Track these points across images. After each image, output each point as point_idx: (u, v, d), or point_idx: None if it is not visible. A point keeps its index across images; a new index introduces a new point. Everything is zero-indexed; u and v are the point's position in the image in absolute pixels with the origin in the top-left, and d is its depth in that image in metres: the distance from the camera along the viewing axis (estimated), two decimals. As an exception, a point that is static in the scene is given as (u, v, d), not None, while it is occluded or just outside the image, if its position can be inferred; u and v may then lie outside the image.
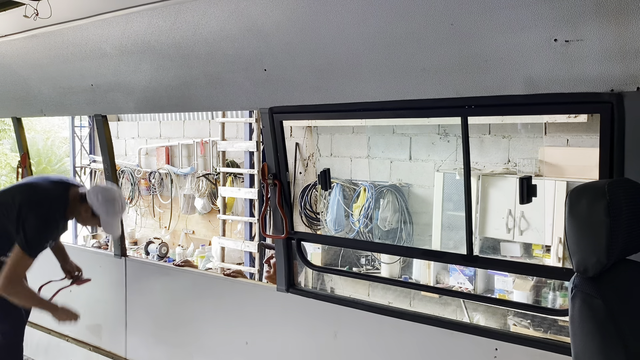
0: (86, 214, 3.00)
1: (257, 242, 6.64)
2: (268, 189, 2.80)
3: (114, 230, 3.10)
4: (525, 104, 2.00)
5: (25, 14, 2.52)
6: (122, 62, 2.85)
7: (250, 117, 6.60)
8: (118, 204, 3.03)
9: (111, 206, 2.99)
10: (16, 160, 6.14)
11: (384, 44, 2.08)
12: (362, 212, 6.01)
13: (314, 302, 2.77)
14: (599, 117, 1.82)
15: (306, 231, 6.25)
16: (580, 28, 1.68)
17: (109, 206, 2.98)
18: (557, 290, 4.87)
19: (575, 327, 1.35)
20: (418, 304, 5.79)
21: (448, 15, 1.86)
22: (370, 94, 2.29)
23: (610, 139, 1.81)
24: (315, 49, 2.26)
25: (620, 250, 1.33)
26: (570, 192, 1.38)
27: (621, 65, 1.70)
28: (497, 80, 1.94)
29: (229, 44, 2.43)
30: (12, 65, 3.46)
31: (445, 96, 2.09)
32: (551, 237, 4.76)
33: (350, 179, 6.35)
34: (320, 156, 6.57)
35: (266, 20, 2.23)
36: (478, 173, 5.14)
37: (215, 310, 3.21)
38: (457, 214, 5.23)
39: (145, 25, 2.58)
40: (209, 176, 7.59)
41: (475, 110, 2.13)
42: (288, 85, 2.48)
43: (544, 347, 2.09)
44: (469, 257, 2.32)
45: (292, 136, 6.65)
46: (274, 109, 2.62)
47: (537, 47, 1.80)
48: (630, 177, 1.69)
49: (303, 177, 6.69)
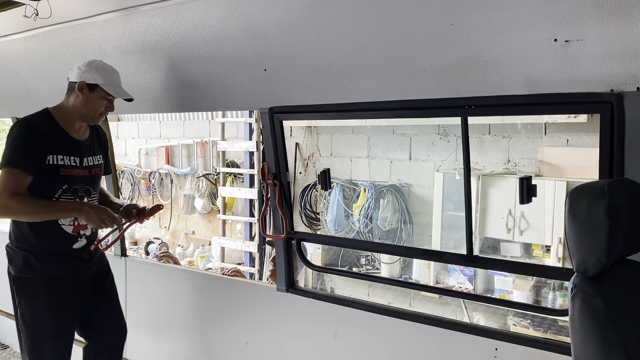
0: (83, 97, 2.44)
1: (257, 242, 6.65)
2: (268, 189, 2.81)
3: (125, 93, 2.53)
4: (525, 104, 2.00)
5: (25, 14, 2.52)
6: (122, 62, 2.85)
7: (250, 117, 6.60)
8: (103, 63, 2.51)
9: (100, 67, 2.47)
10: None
11: (384, 44, 2.08)
12: (362, 212, 6.02)
13: (314, 302, 2.77)
14: (599, 117, 1.82)
15: (306, 231, 6.26)
16: (580, 28, 1.68)
17: (99, 69, 2.45)
18: (557, 290, 4.87)
19: (575, 327, 1.35)
20: (418, 304, 5.79)
21: (448, 15, 1.86)
22: (370, 94, 2.29)
23: (610, 139, 1.81)
24: (315, 49, 2.26)
25: (620, 250, 1.34)
26: (570, 192, 1.38)
27: (621, 65, 1.70)
28: (497, 80, 1.94)
29: (229, 44, 2.43)
30: (12, 65, 3.46)
31: (445, 96, 2.09)
32: (551, 237, 4.76)
33: (350, 179, 6.35)
34: (320, 156, 6.57)
35: (266, 20, 2.23)
36: (478, 173, 5.14)
37: (215, 310, 3.21)
38: (457, 214, 5.22)
39: (145, 25, 2.58)
40: (209, 176, 7.59)
41: (475, 110, 2.13)
42: (288, 85, 2.48)
43: (544, 347, 2.09)
44: (469, 257, 2.32)
45: (292, 136, 6.65)
46: (274, 109, 2.62)
47: (537, 47, 1.80)
48: (630, 177, 1.68)
49: (303, 177, 6.69)
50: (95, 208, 2.43)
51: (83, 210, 2.39)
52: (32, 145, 2.38)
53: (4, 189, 2.33)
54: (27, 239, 2.46)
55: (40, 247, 2.46)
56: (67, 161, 2.46)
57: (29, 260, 2.45)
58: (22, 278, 2.48)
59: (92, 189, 2.60)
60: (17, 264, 2.47)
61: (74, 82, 2.46)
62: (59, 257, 2.49)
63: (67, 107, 2.49)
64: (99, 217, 2.39)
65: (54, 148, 2.42)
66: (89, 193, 2.57)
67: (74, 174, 2.49)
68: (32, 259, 2.45)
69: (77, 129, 2.53)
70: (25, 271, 2.46)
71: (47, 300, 2.47)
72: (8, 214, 2.41)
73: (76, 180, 2.50)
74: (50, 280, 2.48)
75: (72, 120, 2.50)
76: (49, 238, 2.46)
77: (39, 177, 2.39)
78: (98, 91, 2.45)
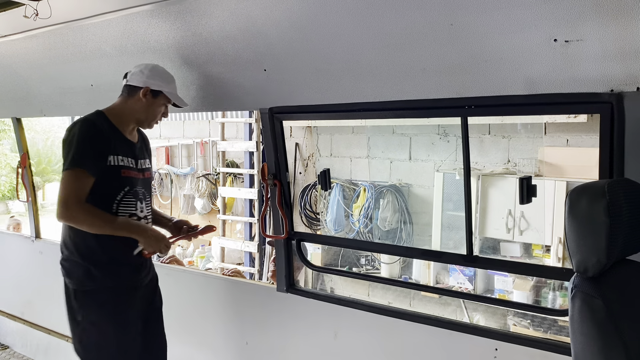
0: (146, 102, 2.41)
1: (257, 242, 6.65)
2: (268, 189, 2.80)
3: (183, 101, 2.54)
4: (525, 104, 2.00)
5: (25, 14, 2.52)
6: (122, 62, 2.85)
7: (250, 117, 6.61)
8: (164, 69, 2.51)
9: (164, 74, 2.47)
10: (16, 160, 6.14)
11: (384, 44, 2.08)
12: (362, 212, 6.02)
13: (314, 302, 2.77)
14: (599, 117, 1.82)
15: (306, 231, 6.26)
16: (580, 28, 1.68)
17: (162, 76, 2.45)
18: (557, 290, 4.87)
19: (575, 327, 1.35)
20: (418, 304, 5.79)
21: (448, 15, 1.86)
22: (370, 94, 2.29)
23: (610, 139, 1.81)
24: (315, 49, 2.26)
25: (620, 250, 1.33)
26: (570, 192, 1.38)
27: (621, 65, 1.70)
28: (497, 80, 1.94)
29: (229, 44, 2.43)
30: (12, 65, 3.46)
31: (445, 96, 2.09)
32: (551, 237, 4.77)
33: (350, 179, 6.35)
34: (320, 156, 6.57)
35: (266, 20, 2.23)
36: (478, 173, 5.14)
37: (215, 310, 3.21)
38: (457, 214, 5.23)
39: (145, 25, 2.58)
40: (209, 176, 7.59)
41: (475, 110, 2.13)
42: (288, 85, 2.48)
43: (544, 347, 2.08)
44: (469, 257, 2.32)
45: (292, 136, 6.65)
46: (274, 109, 2.62)
47: (537, 47, 1.80)
48: (630, 177, 1.69)
49: (303, 177, 6.69)
50: (157, 236, 2.39)
51: (144, 235, 2.34)
52: (95, 145, 2.30)
53: (70, 194, 2.23)
54: (90, 249, 2.34)
55: (105, 255, 2.35)
56: (126, 162, 2.40)
57: (90, 271, 2.33)
58: (86, 291, 2.35)
59: (147, 193, 2.52)
60: (78, 276, 2.35)
61: (135, 87, 2.41)
62: (122, 265, 2.40)
63: (123, 110, 2.43)
64: (158, 245, 2.37)
65: (113, 148, 2.36)
66: (145, 197, 2.48)
67: (133, 176, 2.42)
68: (95, 269, 2.34)
69: (129, 131, 2.47)
70: (88, 283, 2.34)
71: (113, 311, 2.36)
72: (72, 221, 2.30)
73: (135, 182, 2.43)
74: (114, 289, 2.38)
75: (127, 123, 2.45)
76: (115, 245, 2.35)
77: (102, 179, 2.30)
78: (160, 98, 2.43)
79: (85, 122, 2.34)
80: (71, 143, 2.27)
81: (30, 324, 4.22)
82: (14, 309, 4.41)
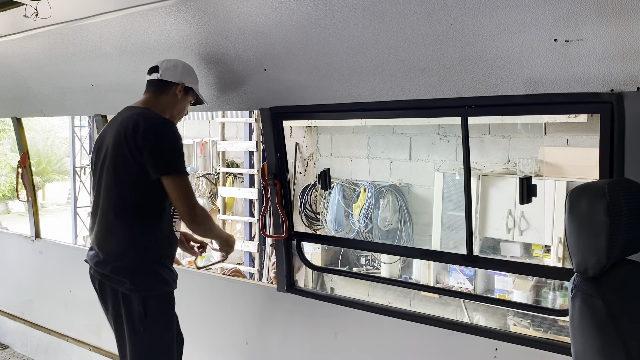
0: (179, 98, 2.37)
1: (257, 242, 6.65)
2: (268, 189, 2.80)
3: (204, 100, 2.53)
4: (525, 104, 2.00)
5: (25, 14, 2.52)
6: (122, 62, 2.85)
7: (250, 117, 6.61)
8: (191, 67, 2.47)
9: (192, 71, 2.45)
10: (16, 160, 6.14)
11: (384, 44, 2.08)
12: (362, 212, 6.02)
13: (314, 302, 2.77)
14: (599, 117, 1.82)
15: (306, 231, 6.26)
16: (580, 28, 1.68)
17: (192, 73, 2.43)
18: (557, 290, 4.87)
19: (575, 327, 1.35)
20: (418, 304, 5.80)
21: (448, 15, 1.86)
22: (370, 94, 2.29)
23: (610, 139, 1.81)
24: (316, 49, 2.26)
25: (620, 251, 1.33)
26: (570, 192, 1.38)
27: (621, 65, 1.70)
28: (497, 80, 1.94)
29: (229, 43, 2.43)
30: (12, 65, 3.46)
31: (445, 96, 2.09)
32: (551, 237, 4.77)
33: (350, 179, 6.36)
34: (320, 156, 6.57)
35: (266, 20, 2.23)
36: (478, 173, 5.15)
37: (215, 310, 3.21)
38: (457, 214, 5.23)
39: (145, 25, 2.57)
40: (209, 176, 7.59)
41: (475, 110, 2.13)
42: (288, 85, 2.48)
43: (544, 347, 2.09)
44: (469, 257, 2.32)
45: (292, 136, 6.65)
46: (274, 109, 2.62)
47: (537, 47, 1.80)
48: (630, 177, 1.69)
49: (303, 177, 6.69)
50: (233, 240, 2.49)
51: (227, 240, 2.43)
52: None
53: (194, 199, 2.21)
54: (159, 250, 2.26)
55: (169, 256, 2.31)
56: None
57: (159, 274, 2.25)
58: (157, 296, 2.25)
59: None
60: (148, 280, 2.23)
61: (169, 82, 2.35)
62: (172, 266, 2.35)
63: (161, 106, 2.34)
64: (228, 251, 2.47)
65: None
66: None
67: None
68: (162, 271, 2.26)
69: None
70: (157, 287, 2.25)
71: (175, 317, 2.33)
72: (202, 225, 2.27)
73: None
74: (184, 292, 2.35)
75: None
76: (174, 245, 2.33)
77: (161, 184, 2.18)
78: (190, 95, 2.43)
79: (173, 124, 2.29)
80: (176, 147, 2.20)
81: (30, 324, 4.22)
82: (14, 309, 4.41)
